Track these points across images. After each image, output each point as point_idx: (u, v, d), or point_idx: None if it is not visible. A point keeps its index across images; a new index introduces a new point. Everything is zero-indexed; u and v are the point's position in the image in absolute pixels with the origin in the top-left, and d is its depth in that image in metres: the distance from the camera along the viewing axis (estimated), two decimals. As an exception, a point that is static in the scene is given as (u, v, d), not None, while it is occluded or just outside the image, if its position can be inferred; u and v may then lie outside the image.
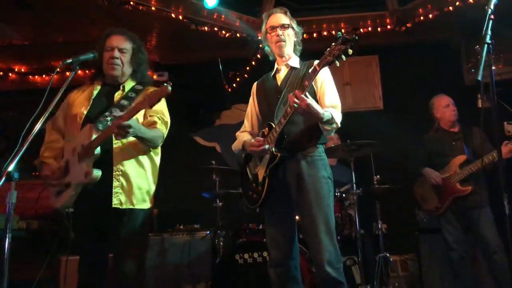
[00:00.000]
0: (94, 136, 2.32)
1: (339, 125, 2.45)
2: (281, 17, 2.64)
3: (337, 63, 2.16)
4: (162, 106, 2.56)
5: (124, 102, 2.47)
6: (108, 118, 2.40)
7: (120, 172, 2.39)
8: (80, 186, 2.34)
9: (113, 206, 2.34)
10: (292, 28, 2.65)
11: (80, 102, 2.53)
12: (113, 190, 2.36)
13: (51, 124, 2.63)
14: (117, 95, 2.54)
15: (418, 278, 4.25)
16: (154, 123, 2.51)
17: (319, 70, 2.24)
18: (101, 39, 2.60)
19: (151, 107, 2.27)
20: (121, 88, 2.57)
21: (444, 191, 3.78)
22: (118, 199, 2.37)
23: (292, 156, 2.45)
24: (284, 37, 2.59)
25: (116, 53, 2.53)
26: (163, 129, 2.53)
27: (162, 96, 2.22)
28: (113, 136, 2.36)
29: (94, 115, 2.44)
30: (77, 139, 2.40)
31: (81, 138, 2.38)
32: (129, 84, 2.60)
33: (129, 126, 2.23)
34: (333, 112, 2.40)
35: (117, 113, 2.40)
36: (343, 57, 2.13)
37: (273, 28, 2.62)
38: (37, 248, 4.01)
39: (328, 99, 2.48)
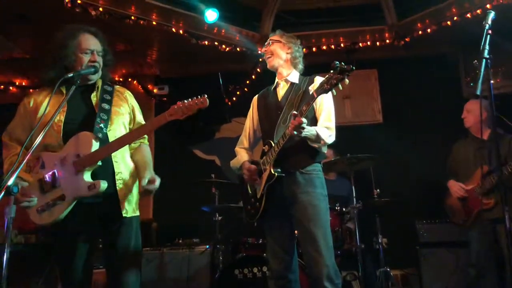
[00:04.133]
0: (96, 145, 2.21)
1: (327, 143, 2.48)
2: (271, 36, 2.77)
3: (334, 92, 2.20)
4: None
5: (106, 106, 2.36)
6: (102, 125, 2.27)
7: (122, 181, 2.32)
8: (78, 199, 2.19)
9: (123, 215, 2.27)
10: (279, 42, 2.70)
11: (50, 108, 2.21)
12: (119, 199, 2.27)
13: (7, 137, 2.39)
14: (93, 97, 2.39)
15: (419, 292, 4.21)
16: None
17: (317, 97, 2.27)
18: (68, 37, 2.38)
19: (183, 117, 2.19)
20: (95, 89, 2.40)
21: (469, 204, 3.50)
22: (125, 209, 2.30)
23: (290, 173, 2.49)
24: (268, 53, 2.70)
25: (97, 57, 2.38)
26: None
27: (201, 107, 2.16)
28: None
29: (79, 122, 2.28)
30: (68, 148, 2.23)
31: (75, 147, 2.21)
32: (99, 84, 2.44)
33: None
34: (320, 130, 2.43)
35: (105, 117, 2.30)
36: (340, 86, 2.15)
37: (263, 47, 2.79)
38: (34, 263, 3.96)
39: (322, 120, 2.54)
